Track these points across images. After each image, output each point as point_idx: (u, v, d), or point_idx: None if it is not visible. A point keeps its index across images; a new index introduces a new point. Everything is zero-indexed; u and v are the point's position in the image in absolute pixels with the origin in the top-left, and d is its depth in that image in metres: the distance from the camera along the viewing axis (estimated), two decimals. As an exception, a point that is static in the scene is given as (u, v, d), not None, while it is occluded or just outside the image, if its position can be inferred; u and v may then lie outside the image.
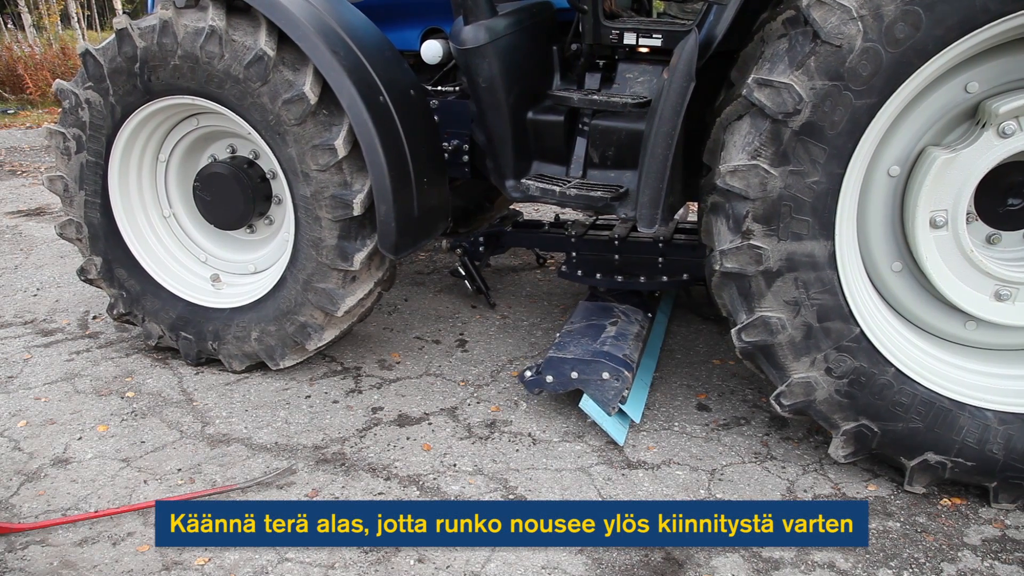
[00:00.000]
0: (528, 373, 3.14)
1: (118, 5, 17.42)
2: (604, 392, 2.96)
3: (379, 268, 3.36)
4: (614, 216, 3.18)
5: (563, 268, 3.84)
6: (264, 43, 2.95)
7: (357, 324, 3.60)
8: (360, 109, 2.94)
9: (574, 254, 3.77)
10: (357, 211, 3.07)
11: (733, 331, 2.63)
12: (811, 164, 2.36)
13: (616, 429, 2.97)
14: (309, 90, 2.95)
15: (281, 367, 3.47)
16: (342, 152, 3.00)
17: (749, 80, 2.36)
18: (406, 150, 3.09)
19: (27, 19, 14.95)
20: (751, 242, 2.47)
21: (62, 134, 3.42)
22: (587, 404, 2.97)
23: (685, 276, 3.62)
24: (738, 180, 2.42)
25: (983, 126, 2.37)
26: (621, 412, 3.02)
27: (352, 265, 3.16)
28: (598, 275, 3.72)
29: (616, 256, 3.66)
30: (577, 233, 3.77)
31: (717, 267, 2.56)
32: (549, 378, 3.03)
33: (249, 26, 3.01)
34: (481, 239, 4.03)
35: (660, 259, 3.64)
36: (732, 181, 2.43)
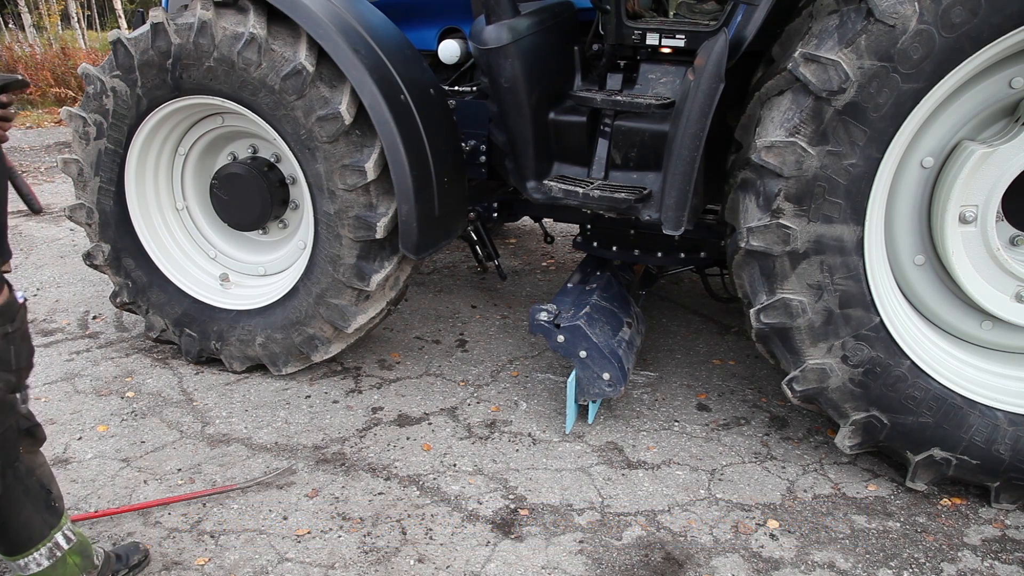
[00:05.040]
0: (543, 316, 3.07)
1: (118, 5, 17.43)
2: (593, 385, 3.01)
3: (392, 288, 3.35)
4: (636, 217, 3.11)
5: (577, 239, 3.79)
6: (304, 57, 2.92)
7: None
8: (388, 121, 2.91)
9: (589, 226, 3.71)
10: (379, 234, 3.06)
11: (751, 311, 2.61)
12: (850, 146, 2.33)
13: (572, 416, 3.10)
14: (345, 110, 2.92)
15: (282, 373, 3.48)
16: (371, 175, 2.99)
17: (795, 54, 2.32)
18: (427, 150, 3.08)
19: (27, 19, 14.97)
20: (780, 221, 2.44)
21: (83, 118, 3.39)
22: (572, 381, 3.03)
23: (703, 255, 3.56)
24: (773, 156, 2.39)
25: (1023, 124, 2.35)
26: (584, 406, 3.13)
27: (368, 285, 3.16)
28: (614, 248, 3.67)
29: (632, 230, 3.61)
30: None
31: (742, 244, 2.53)
32: (560, 338, 3.02)
33: (289, 36, 2.97)
34: (495, 205, 3.96)
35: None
36: (767, 157, 2.40)
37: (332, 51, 2.89)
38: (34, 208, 2.03)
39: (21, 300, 1.83)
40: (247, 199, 3.37)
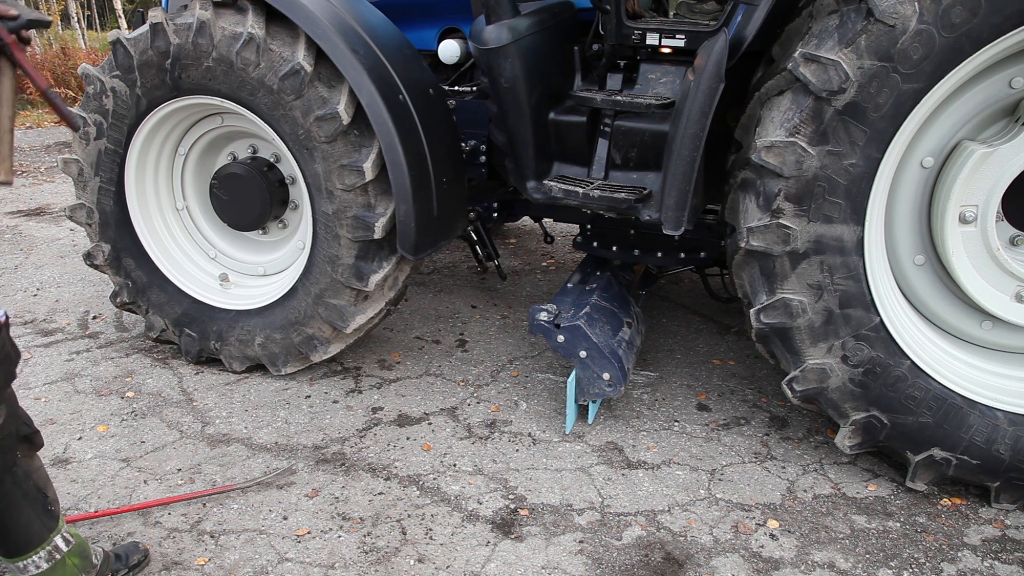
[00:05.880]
0: (543, 316, 3.07)
1: (118, 5, 17.43)
2: (592, 385, 3.01)
3: (391, 289, 3.35)
4: (636, 217, 3.10)
5: (577, 239, 3.79)
6: (302, 57, 2.92)
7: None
8: (386, 121, 2.91)
9: (589, 226, 3.72)
10: (378, 234, 3.06)
11: (751, 311, 2.61)
12: (850, 146, 2.34)
13: (572, 416, 3.10)
14: (343, 110, 2.92)
15: (282, 373, 3.48)
16: (370, 175, 2.99)
17: (795, 54, 2.33)
18: (426, 150, 3.08)
19: (27, 19, 14.94)
20: (780, 221, 2.44)
21: (83, 118, 3.40)
22: (572, 381, 3.03)
23: (703, 255, 3.56)
24: (773, 156, 2.39)
25: (1023, 124, 2.35)
26: (584, 406, 3.13)
27: (367, 286, 3.15)
28: (614, 248, 3.67)
29: (632, 230, 3.60)
30: None
31: (742, 244, 2.54)
32: (560, 338, 3.02)
33: (288, 36, 2.97)
34: (495, 205, 3.94)
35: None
36: (767, 157, 2.40)
37: (330, 51, 2.90)
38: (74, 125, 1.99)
39: (3, 319, 1.82)
40: (247, 199, 3.37)
